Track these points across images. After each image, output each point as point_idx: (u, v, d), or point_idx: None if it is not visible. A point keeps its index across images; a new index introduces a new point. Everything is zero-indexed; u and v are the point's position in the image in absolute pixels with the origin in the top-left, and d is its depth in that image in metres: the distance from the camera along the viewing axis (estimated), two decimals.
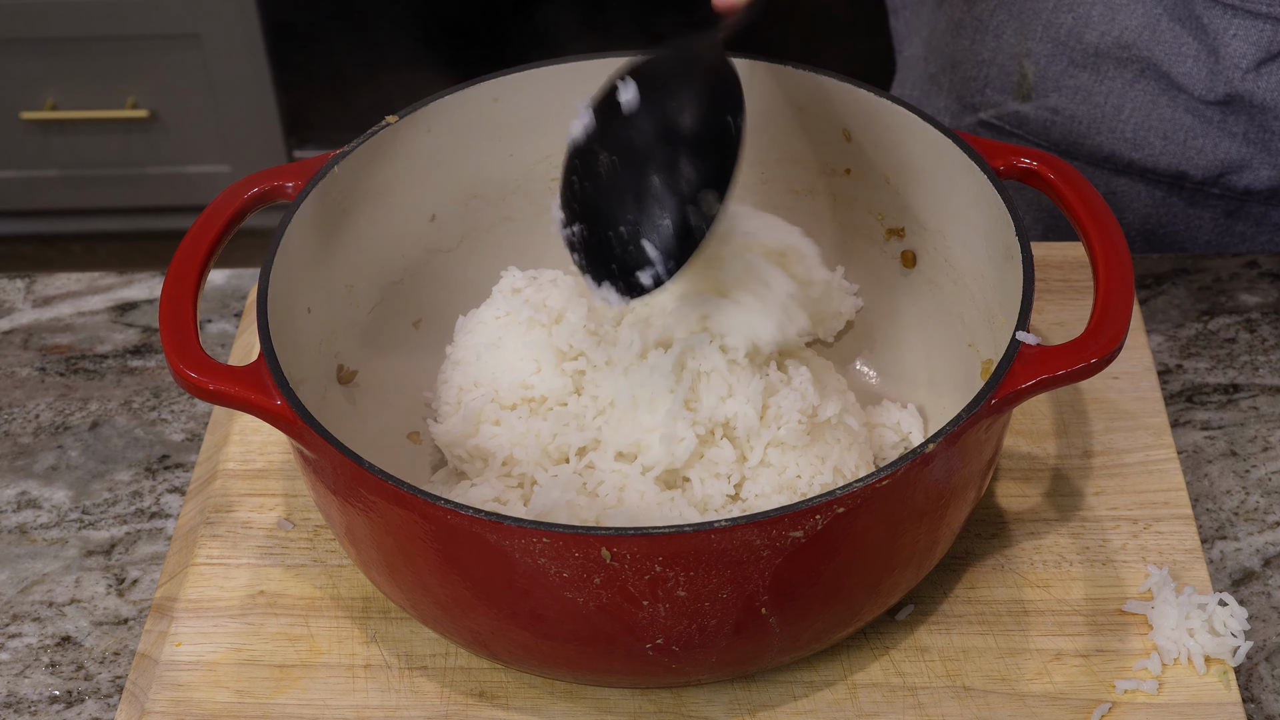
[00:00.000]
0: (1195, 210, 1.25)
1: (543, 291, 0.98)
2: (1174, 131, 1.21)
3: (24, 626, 0.97)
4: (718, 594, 0.79)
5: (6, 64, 2.53)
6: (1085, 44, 1.21)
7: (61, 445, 1.08)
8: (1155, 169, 1.24)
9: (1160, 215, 1.26)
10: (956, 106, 1.32)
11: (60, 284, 1.20)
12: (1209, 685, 0.88)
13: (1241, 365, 1.10)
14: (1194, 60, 1.18)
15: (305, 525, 0.98)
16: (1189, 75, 1.18)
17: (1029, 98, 1.25)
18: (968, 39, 1.28)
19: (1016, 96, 1.26)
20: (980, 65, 1.28)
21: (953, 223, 0.98)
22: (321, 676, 0.91)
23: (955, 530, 0.88)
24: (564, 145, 1.05)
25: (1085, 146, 1.25)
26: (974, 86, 1.29)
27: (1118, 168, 1.25)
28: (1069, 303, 1.10)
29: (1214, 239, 1.27)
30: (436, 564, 0.81)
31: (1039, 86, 1.24)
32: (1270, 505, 1.00)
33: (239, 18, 2.46)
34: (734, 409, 0.89)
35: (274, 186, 0.94)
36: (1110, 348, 0.83)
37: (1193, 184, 1.23)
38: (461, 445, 0.93)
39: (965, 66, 1.30)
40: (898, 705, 0.88)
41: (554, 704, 0.89)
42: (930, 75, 1.35)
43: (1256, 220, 1.25)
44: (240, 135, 2.61)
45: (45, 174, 2.67)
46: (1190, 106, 1.20)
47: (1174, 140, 1.21)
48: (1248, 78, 1.16)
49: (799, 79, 0.99)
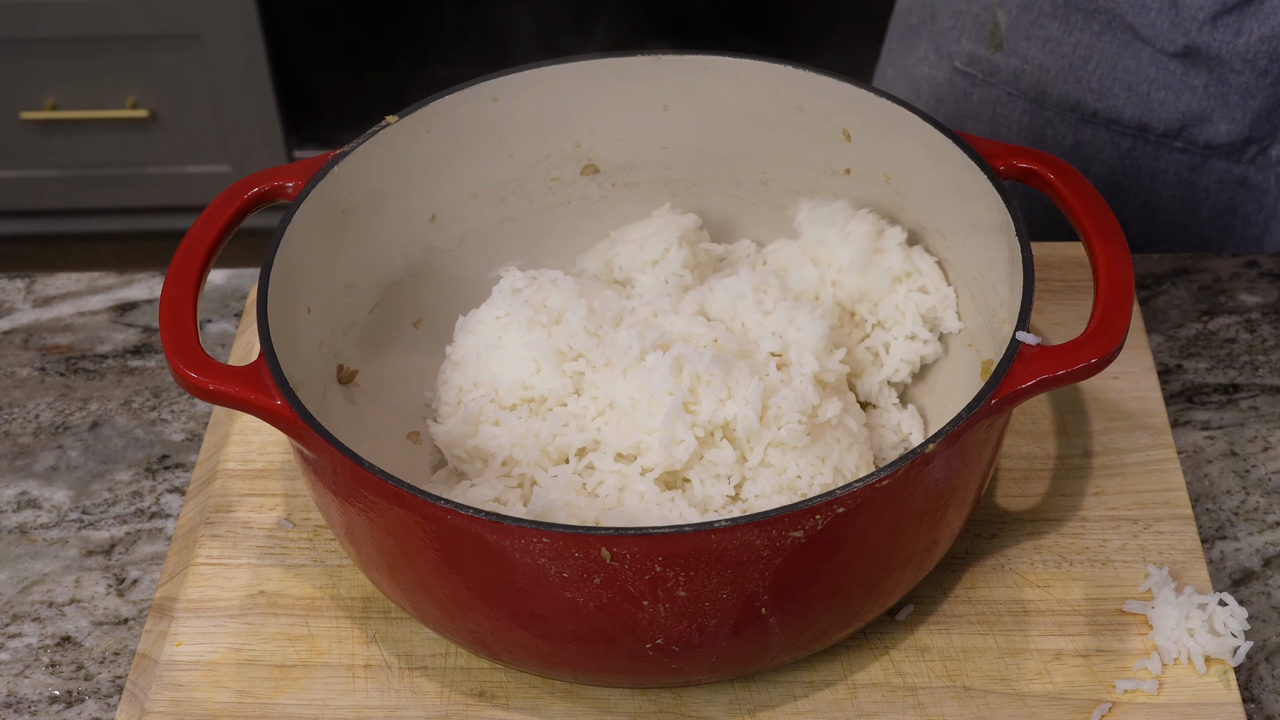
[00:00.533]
0: (1159, 163, 1.28)
1: (543, 292, 0.98)
2: (1138, 83, 1.24)
3: (24, 626, 0.97)
4: (718, 594, 0.79)
5: (6, 64, 2.53)
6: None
7: (61, 445, 1.08)
8: (1119, 120, 1.26)
9: (1125, 167, 1.29)
10: (934, 56, 1.36)
11: (60, 284, 1.20)
12: (1209, 685, 0.88)
13: (1241, 365, 1.10)
14: (1156, 12, 1.20)
15: (305, 525, 0.98)
16: (1151, 27, 1.21)
17: (1000, 47, 1.28)
18: None
19: (989, 46, 1.29)
20: (957, 15, 1.32)
21: (952, 223, 0.98)
22: (321, 676, 0.91)
23: (955, 530, 0.88)
24: (564, 145, 1.05)
25: (1053, 96, 1.28)
26: (950, 36, 1.33)
27: (1083, 117, 1.28)
28: (1069, 303, 1.10)
29: (1178, 192, 1.29)
30: (436, 564, 0.81)
31: (1010, 36, 1.28)
32: (1270, 505, 1.00)
33: (239, 18, 2.46)
34: (733, 411, 0.89)
35: (274, 186, 0.94)
36: (1110, 348, 0.83)
37: (1156, 136, 1.26)
38: (461, 446, 0.93)
39: (943, 16, 1.34)
40: (898, 705, 0.88)
41: (554, 704, 0.89)
42: (911, 26, 1.39)
43: (1220, 176, 1.27)
44: (240, 135, 2.61)
45: (45, 174, 2.67)
46: (1154, 58, 1.22)
47: (1137, 91, 1.24)
48: (1204, 29, 1.19)
49: (799, 79, 0.99)
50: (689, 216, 1.05)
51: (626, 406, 0.90)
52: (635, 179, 1.07)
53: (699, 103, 1.03)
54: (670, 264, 1.01)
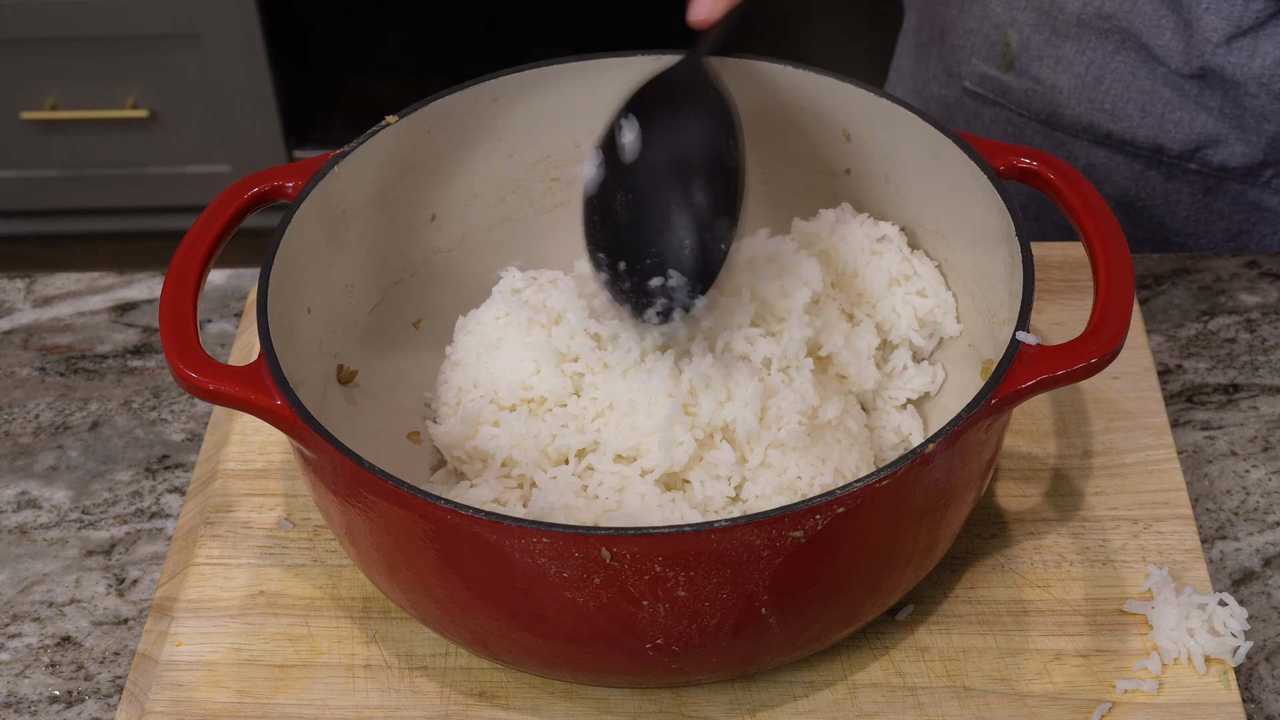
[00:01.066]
0: (1173, 185, 1.27)
1: (542, 292, 0.97)
2: (1152, 104, 1.23)
3: (24, 626, 0.97)
4: (718, 594, 0.79)
5: (6, 64, 2.53)
6: (1068, 14, 1.23)
7: (61, 445, 1.08)
8: (1133, 141, 1.25)
9: (1138, 189, 1.28)
10: (944, 75, 1.35)
11: (60, 284, 1.20)
12: (1209, 685, 0.88)
13: (1241, 365, 1.10)
14: (1171, 32, 1.19)
15: (305, 525, 0.98)
16: (1166, 47, 1.20)
17: (1012, 66, 1.27)
18: (956, 8, 1.31)
19: (1000, 66, 1.28)
20: (967, 34, 1.31)
21: (952, 222, 0.98)
22: (321, 676, 0.91)
23: (955, 530, 0.88)
24: (564, 145, 1.05)
25: (1065, 117, 1.27)
26: (960, 55, 1.32)
27: (1096, 139, 1.27)
28: (1069, 303, 1.10)
29: (1191, 214, 1.28)
30: (436, 564, 0.81)
31: (1022, 56, 1.26)
32: (1270, 505, 1.00)
33: (239, 18, 2.46)
34: (733, 413, 0.89)
35: (274, 186, 0.94)
36: (1110, 348, 0.83)
37: (1169, 158, 1.25)
38: (460, 446, 0.93)
39: (953, 35, 1.32)
40: (898, 705, 0.88)
41: (554, 704, 0.89)
42: (921, 45, 1.38)
43: (1234, 199, 1.26)
44: (240, 135, 2.61)
45: (45, 174, 2.67)
46: (1168, 79, 1.21)
47: (1151, 113, 1.23)
48: (1219, 51, 1.18)
49: (799, 79, 0.99)
50: None
51: (626, 408, 0.90)
52: None
53: None
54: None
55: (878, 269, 0.99)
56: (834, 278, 1.00)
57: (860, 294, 1.00)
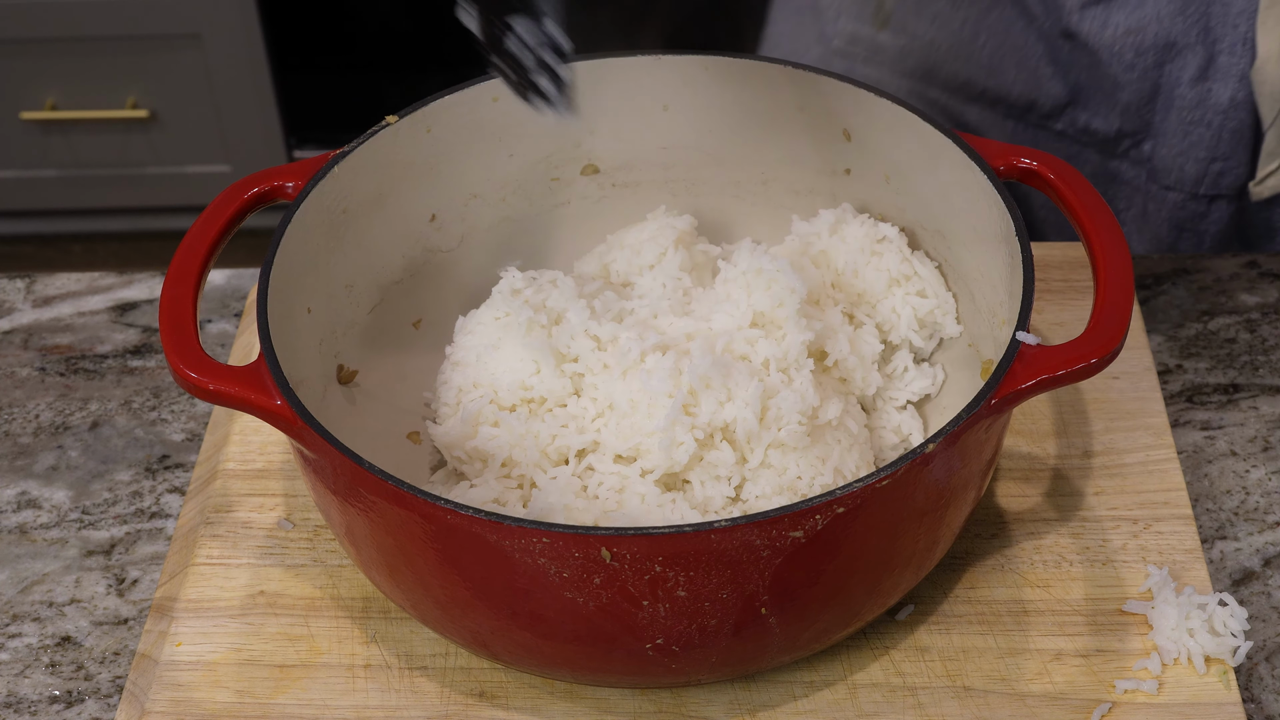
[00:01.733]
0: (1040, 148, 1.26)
1: (542, 293, 0.97)
2: (1026, 59, 1.23)
3: (24, 626, 0.97)
4: (718, 594, 0.79)
5: (6, 64, 2.53)
6: None
7: (61, 445, 1.08)
8: (1007, 98, 1.25)
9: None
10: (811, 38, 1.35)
11: (60, 284, 1.20)
12: (1209, 685, 0.88)
13: (1241, 365, 1.10)
14: None
15: (305, 525, 0.98)
16: (1036, 4, 1.21)
17: (887, 23, 1.27)
18: None
19: (875, 23, 1.27)
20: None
21: (952, 223, 0.98)
22: (321, 676, 0.91)
23: (955, 530, 0.88)
24: (564, 145, 1.05)
25: (941, 73, 1.27)
26: (829, 15, 1.31)
27: (971, 96, 1.27)
28: (1069, 303, 1.10)
29: None
30: (436, 564, 0.81)
31: (898, 13, 1.26)
32: (1270, 505, 1.00)
33: (239, 18, 2.46)
34: (733, 413, 0.89)
35: (274, 186, 0.94)
36: (1110, 348, 0.83)
37: (1039, 117, 1.25)
38: (460, 447, 0.93)
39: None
40: (898, 705, 0.88)
41: (554, 704, 0.89)
42: (796, 9, 1.38)
43: (1094, 169, 1.27)
44: (240, 135, 2.61)
45: (45, 174, 2.67)
46: (1042, 34, 1.22)
47: (1026, 67, 1.23)
48: (1074, 16, 1.19)
49: (799, 79, 0.99)
50: (684, 218, 1.04)
51: (626, 408, 0.90)
52: (635, 179, 1.07)
53: (699, 103, 1.03)
54: (667, 267, 1.01)
55: (878, 269, 0.99)
56: (834, 278, 1.00)
57: (860, 294, 1.00)
